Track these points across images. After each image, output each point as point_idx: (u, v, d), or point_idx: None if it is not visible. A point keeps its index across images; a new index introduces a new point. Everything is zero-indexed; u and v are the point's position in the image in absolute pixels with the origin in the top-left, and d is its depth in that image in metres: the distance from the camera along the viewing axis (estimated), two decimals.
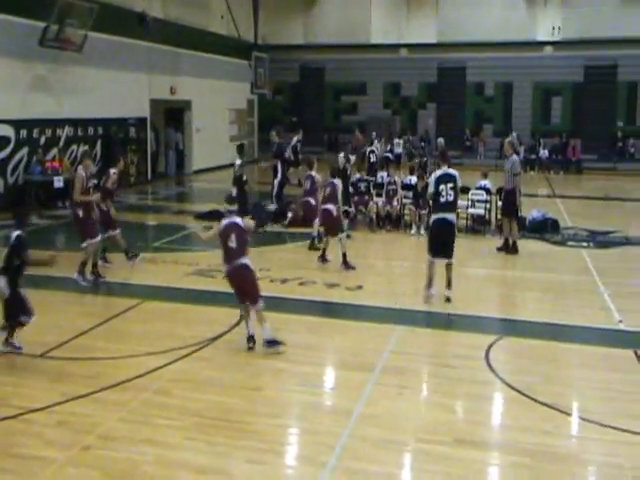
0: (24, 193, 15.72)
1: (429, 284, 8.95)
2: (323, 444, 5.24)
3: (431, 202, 9.22)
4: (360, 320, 8.34)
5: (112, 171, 10.89)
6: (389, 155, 22.90)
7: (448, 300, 8.83)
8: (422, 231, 13.67)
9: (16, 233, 6.78)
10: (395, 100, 30.00)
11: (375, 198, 14.25)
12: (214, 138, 25.33)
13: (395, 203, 14.07)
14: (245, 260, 7.04)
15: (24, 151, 16.03)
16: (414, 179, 14.43)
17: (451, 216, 8.87)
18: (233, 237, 6.96)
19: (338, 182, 11.17)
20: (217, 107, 25.61)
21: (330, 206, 10.80)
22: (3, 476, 4.72)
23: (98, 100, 18.43)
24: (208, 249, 12.88)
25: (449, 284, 8.91)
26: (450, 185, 8.74)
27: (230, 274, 7.11)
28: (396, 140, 25.48)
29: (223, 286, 9.56)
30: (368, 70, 29.54)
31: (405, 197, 14.20)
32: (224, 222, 7.09)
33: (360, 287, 9.69)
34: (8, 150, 15.57)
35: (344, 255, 10.55)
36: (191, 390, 6.15)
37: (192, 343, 7.20)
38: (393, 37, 29.46)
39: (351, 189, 14.25)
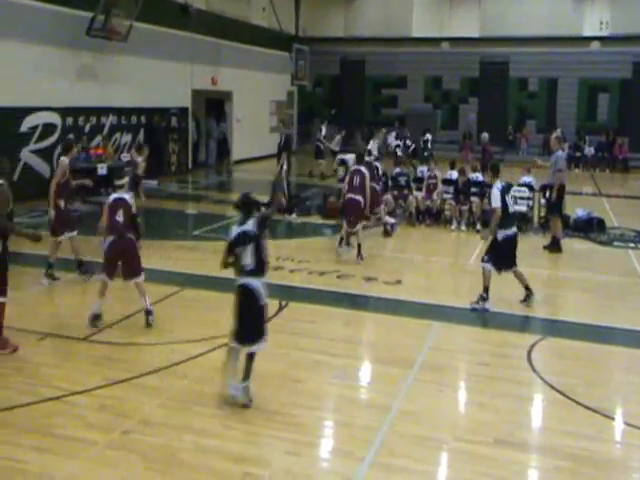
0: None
1: (487, 295, 8.44)
2: (361, 439, 5.21)
3: (497, 215, 8.37)
4: (398, 315, 8.27)
5: (139, 159, 11.06)
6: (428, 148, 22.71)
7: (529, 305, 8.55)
8: (463, 227, 13.52)
9: (254, 220, 5.57)
10: (436, 94, 29.68)
11: (415, 192, 14.11)
12: (254, 129, 25.43)
13: (435, 197, 13.91)
14: (130, 235, 7.32)
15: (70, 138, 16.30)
16: (455, 174, 14.25)
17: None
18: (121, 212, 7.27)
19: (366, 170, 10.96)
20: (257, 98, 25.70)
21: (358, 197, 10.58)
22: (44, 455, 4.81)
23: (141, 89, 18.66)
24: None
25: (528, 288, 8.56)
26: (510, 195, 8.63)
27: (114, 246, 7.30)
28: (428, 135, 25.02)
29: None
30: (409, 63, 29.28)
31: (446, 192, 14.02)
32: (113, 196, 7.41)
33: (399, 282, 9.61)
34: (55, 137, 15.86)
35: (359, 246, 10.43)
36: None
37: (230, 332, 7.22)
38: (435, 30, 29.10)
39: (390, 183, 14.16)
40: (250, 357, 5.61)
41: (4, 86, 14.02)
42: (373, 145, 22.84)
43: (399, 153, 19.03)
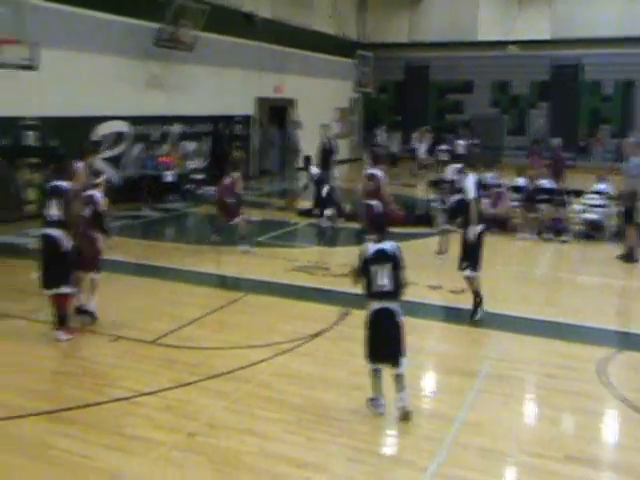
0: (137, 186, 16.52)
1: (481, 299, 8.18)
2: (423, 449, 5.13)
3: (474, 208, 7.97)
4: (463, 324, 8.11)
5: (236, 175, 11.79)
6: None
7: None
8: (531, 235, 13.17)
9: (392, 242, 5.69)
10: (504, 99, 29.09)
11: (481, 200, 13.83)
12: (317, 136, 25.52)
13: (501, 205, 13.61)
14: (92, 232, 7.50)
15: (139, 146, 16.86)
16: (522, 181, 13.93)
17: None
18: (88, 208, 7.44)
19: (382, 174, 10.72)
20: (321, 105, 25.83)
21: (374, 203, 10.37)
22: (112, 452, 4.95)
23: (207, 98, 19.08)
24: (309, 246, 13.09)
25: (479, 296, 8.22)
26: (479, 194, 8.26)
27: (76, 238, 7.39)
28: (461, 141, 24.47)
29: (323, 283, 9.69)
30: (475, 68, 28.80)
31: (513, 200, 13.72)
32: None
33: (463, 291, 9.40)
34: (124, 145, 16.42)
35: None
36: (292, 385, 6.21)
37: (293, 338, 7.28)
38: (502, 33, 28.51)
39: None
40: (399, 377, 5.59)
41: (79, 96, 14.61)
42: (420, 147, 22.58)
43: (446, 158, 18.80)
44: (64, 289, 7.06)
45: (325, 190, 13.38)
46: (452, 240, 10.90)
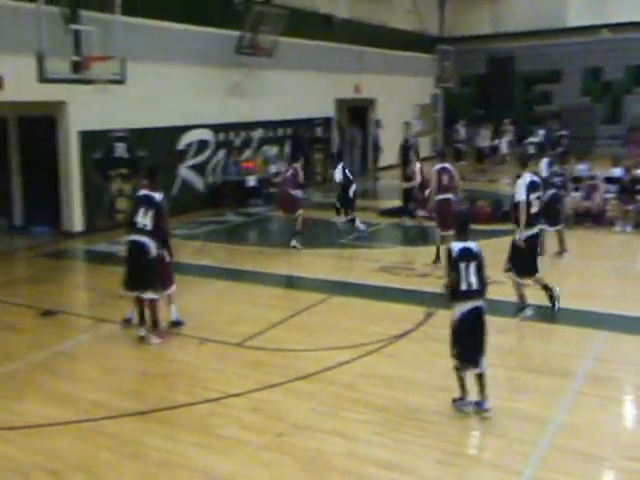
0: (221, 192, 16.92)
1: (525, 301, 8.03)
2: (516, 451, 4.95)
3: (523, 210, 7.73)
4: (555, 323, 7.78)
5: (297, 165, 12.15)
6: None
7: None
8: (628, 228, 12.49)
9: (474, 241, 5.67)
10: (595, 86, 27.72)
11: (573, 193, 13.25)
12: (399, 134, 25.28)
13: (596, 198, 12.97)
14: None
15: (222, 153, 17.27)
16: (618, 171, 13.23)
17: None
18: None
19: (452, 168, 10.50)
20: (401, 103, 25.54)
21: (450, 196, 10.23)
22: (202, 451, 5.07)
23: (287, 102, 19.26)
24: (393, 246, 12.95)
25: (551, 295, 8.09)
26: (537, 195, 7.85)
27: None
28: (541, 131, 23.36)
29: (407, 283, 9.55)
30: (563, 56, 27.58)
31: (609, 191, 13.06)
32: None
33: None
34: (208, 152, 16.87)
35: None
36: (378, 386, 6.15)
37: (377, 339, 7.21)
38: (593, 17, 27.13)
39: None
40: (481, 377, 5.55)
41: (164, 107, 15.09)
42: (502, 142, 21.80)
43: (533, 151, 18.14)
44: (149, 294, 7.30)
45: (352, 190, 13.11)
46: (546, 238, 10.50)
